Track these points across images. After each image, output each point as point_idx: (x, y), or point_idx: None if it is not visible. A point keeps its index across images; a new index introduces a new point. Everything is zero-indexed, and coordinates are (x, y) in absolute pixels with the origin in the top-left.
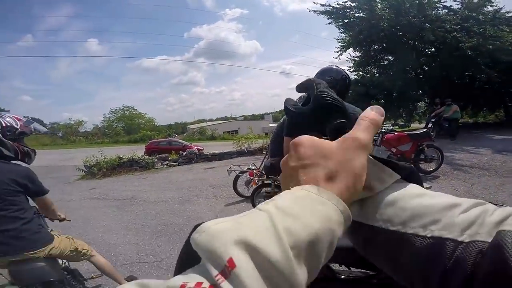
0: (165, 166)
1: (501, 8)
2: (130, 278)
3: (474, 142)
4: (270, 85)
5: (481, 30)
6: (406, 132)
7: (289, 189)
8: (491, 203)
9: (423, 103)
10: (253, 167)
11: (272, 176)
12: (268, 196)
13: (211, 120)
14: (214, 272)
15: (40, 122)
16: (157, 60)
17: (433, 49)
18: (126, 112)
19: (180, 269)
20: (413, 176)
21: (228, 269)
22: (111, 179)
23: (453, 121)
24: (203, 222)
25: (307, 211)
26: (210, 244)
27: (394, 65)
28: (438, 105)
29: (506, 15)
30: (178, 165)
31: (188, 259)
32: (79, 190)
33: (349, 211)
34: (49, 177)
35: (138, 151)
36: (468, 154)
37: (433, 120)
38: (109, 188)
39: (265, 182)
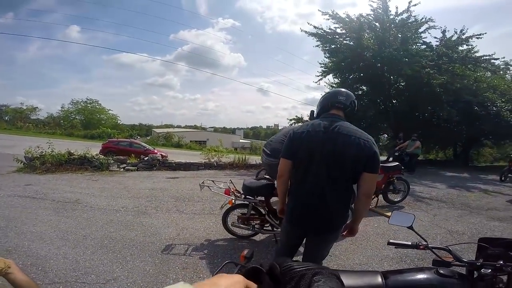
0: (122, 169)
1: (474, 48)
2: None
3: (430, 177)
4: (245, 101)
5: (450, 68)
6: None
7: None
8: None
9: (386, 135)
10: (230, 185)
11: (251, 198)
12: (242, 218)
13: (179, 126)
14: None
15: None
16: (136, 56)
17: (403, 83)
18: (88, 105)
19: None
20: None
21: None
22: (54, 176)
23: (414, 156)
24: None
25: None
26: None
27: (368, 95)
28: (401, 139)
29: (475, 54)
30: (137, 170)
31: None
32: (11, 185)
33: None
34: None
35: (93, 149)
36: (426, 187)
37: (396, 154)
38: (49, 186)
39: (243, 203)
